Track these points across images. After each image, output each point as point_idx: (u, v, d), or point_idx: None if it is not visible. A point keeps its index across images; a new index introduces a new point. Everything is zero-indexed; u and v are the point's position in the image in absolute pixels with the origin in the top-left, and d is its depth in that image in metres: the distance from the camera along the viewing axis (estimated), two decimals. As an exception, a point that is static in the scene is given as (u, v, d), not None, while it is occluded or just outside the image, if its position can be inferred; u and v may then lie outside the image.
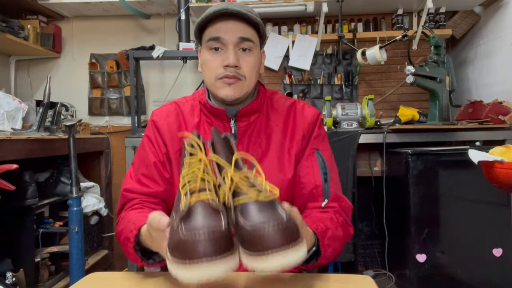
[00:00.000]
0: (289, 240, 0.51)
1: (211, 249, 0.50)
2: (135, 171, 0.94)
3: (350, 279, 0.74)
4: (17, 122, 1.88)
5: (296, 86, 2.59)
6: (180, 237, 0.52)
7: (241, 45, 0.88)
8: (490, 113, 2.07)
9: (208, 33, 0.89)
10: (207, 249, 0.50)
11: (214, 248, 0.50)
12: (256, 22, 0.89)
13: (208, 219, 0.53)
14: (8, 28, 2.19)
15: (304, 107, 0.99)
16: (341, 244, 0.84)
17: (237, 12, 0.86)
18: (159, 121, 0.96)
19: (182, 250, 0.51)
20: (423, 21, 2.37)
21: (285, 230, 0.51)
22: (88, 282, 0.76)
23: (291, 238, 0.51)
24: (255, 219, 0.53)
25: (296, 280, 0.74)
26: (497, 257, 1.83)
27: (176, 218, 0.56)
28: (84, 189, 2.10)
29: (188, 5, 2.31)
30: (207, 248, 0.50)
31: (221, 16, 0.87)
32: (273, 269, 0.50)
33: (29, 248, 1.68)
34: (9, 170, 1.20)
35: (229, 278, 0.74)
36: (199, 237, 0.50)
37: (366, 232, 2.55)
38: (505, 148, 1.02)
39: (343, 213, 0.90)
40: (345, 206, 0.91)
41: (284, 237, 0.51)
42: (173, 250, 0.53)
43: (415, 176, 1.87)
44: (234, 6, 0.87)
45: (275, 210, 0.55)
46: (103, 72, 2.67)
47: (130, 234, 0.75)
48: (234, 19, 0.88)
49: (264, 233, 0.51)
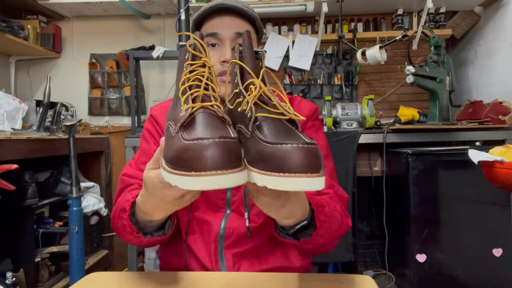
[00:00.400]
0: (313, 167, 0.45)
1: (221, 160, 0.43)
2: (135, 161, 0.94)
3: (350, 279, 0.74)
4: (17, 122, 1.88)
5: (296, 86, 2.59)
6: (181, 145, 0.45)
7: (238, 40, 0.88)
8: (490, 113, 2.07)
9: (205, 29, 0.90)
10: (217, 159, 0.43)
11: (225, 159, 0.43)
12: (253, 17, 0.89)
13: (215, 127, 0.47)
14: (8, 28, 2.18)
15: (301, 101, 0.99)
16: (338, 229, 0.79)
17: (233, 7, 0.86)
18: (158, 116, 0.96)
19: (185, 159, 0.44)
20: (423, 21, 2.37)
21: (312, 155, 0.45)
22: (88, 282, 0.76)
23: (316, 165, 0.46)
24: (280, 136, 0.47)
25: (296, 280, 0.74)
26: (497, 257, 1.83)
27: (173, 125, 0.50)
28: (84, 189, 2.10)
29: (188, 5, 2.31)
30: (217, 158, 0.43)
31: (217, 12, 0.88)
32: (291, 190, 0.46)
33: (29, 248, 1.68)
34: (9, 170, 1.20)
35: (229, 278, 0.74)
36: (208, 145, 0.43)
37: (366, 232, 2.55)
38: (505, 148, 1.02)
39: (339, 201, 0.85)
40: (341, 195, 0.87)
41: (311, 163, 0.45)
42: (172, 160, 0.46)
43: (415, 176, 1.87)
44: (230, 1, 0.87)
45: (300, 134, 0.49)
46: (103, 72, 2.67)
47: (126, 204, 0.72)
48: (230, 15, 0.88)
49: (291, 152, 0.45)
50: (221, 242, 0.87)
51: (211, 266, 0.87)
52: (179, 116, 0.50)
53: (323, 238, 0.71)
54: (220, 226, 0.88)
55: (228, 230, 0.87)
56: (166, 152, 0.49)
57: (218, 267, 0.87)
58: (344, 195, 0.89)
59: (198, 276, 0.77)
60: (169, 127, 0.52)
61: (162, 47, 2.34)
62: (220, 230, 0.87)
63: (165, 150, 0.50)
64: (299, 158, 0.45)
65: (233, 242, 0.87)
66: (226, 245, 0.87)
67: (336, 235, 0.78)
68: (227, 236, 0.87)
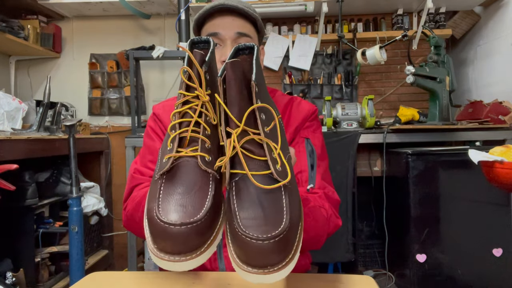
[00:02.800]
0: (287, 252, 0.44)
1: (188, 246, 0.43)
2: (141, 158, 0.94)
3: (350, 279, 0.74)
4: (17, 122, 1.88)
5: (296, 86, 2.59)
6: (158, 222, 0.44)
7: (239, 40, 0.88)
8: (490, 113, 2.07)
9: (206, 29, 0.90)
10: (180, 248, 0.43)
11: (192, 244, 0.43)
12: (254, 18, 0.89)
13: (191, 188, 0.45)
14: (8, 28, 2.19)
15: (300, 102, 0.99)
16: (324, 226, 0.78)
17: (234, 7, 0.87)
18: (161, 114, 0.97)
19: (160, 241, 0.44)
20: (423, 21, 2.37)
21: (284, 242, 0.43)
22: (88, 282, 0.76)
23: (289, 250, 0.44)
24: (249, 213, 0.45)
25: (296, 280, 0.74)
26: (497, 257, 1.83)
27: (157, 170, 0.49)
28: (84, 189, 2.10)
29: (188, 5, 2.31)
30: (180, 247, 0.43)
31: (219, 12, 0.88)
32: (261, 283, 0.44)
33: (29, 248, 1.68)
34: (9, 170, 1.21)
35: (229, 278, 0.74)
36: (175, 231, 0.43)
37: (366, 232, 2.55)
38: (505, 148, 1.02)
39: (327, 201, 0.84)
40: (331, 196, 0.86)
41: (282, 252, 0.43)
42: (154, 239, 0.45)
43: (415, 176, 1.87)
44: (231, 1, 0.87)
45: (277, 204, 0.45)
46: (103, 72, 2.67)
47: (143, 198, 0.70)
48: (231, 15, 0.88)
49: (259, 246, 0.42)
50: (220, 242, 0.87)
51: (210, 265, 0.88)
52: (162, 162, 0.48)
53: (306, 233, 0.70)
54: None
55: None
56: (149, 224, 0.46)
57: (217, 265, 0.87)
58: (334, 197, 0.88)
59: (198, 276, 0.77)
60: (158, 162, 0.50)
61: (162, 47, 2.34)
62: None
63: (148, 217, 0.47)
64: (271, 252, 0.42)
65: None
66: (224, 243, 0.87)
67: (322, 232, 0.79)
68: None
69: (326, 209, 0.81)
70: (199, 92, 0.49)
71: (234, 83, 0.50)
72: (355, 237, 1.99)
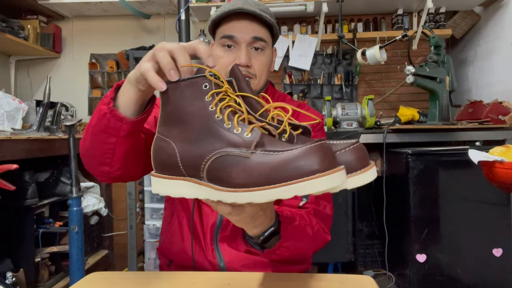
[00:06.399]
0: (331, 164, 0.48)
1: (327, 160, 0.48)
2: None
3: (350, 279, 0.74)
4: (17, 122, 1.88)
5: (296, 86, 2.59)
6: (282, 156, 0.47)
7: (253, 44, 0.89)
8: (490, 113, 2.07)
9: (222, 30, 0.90)
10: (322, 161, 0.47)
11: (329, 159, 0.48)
12: (270, 23, 0.90)
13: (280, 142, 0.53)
14: (8, 28, 2.19)
15: (308, 110, 1.00)
16: (309, 245, 0.79)
17: (252, 12, 0.87)
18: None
19: (294, 167, 0.46)
20: (423, 21, 2.37)
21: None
22: (88, 282, 0.76)
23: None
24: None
25: (296, 280, 0.74)
26: (497, 257, 1.83)
27: (240, 148, 0.50)
28: (84, 189, 2.09)
29: (188, 5, 2.31)
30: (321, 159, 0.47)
31: (236, 15, 0.88)
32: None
33: (29, 248, 1.68)
34: (9, 170, 1.20)
35: (229, 278, 0.74)
36: (311, 148, 0.47)
37: (366, 232, 2.55)
38: (505, 148, 1.03)
39: (316, 217, 0.83)
40: (321, 211, 0.86)
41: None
42: (274, 172, 0.47)
43: (415, 176, 1.87)
44: (249, 6, 0.87)
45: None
46: (103, 72, 2.67)
47: (109, 92, 0.67)
48: (248, 19, 0.88)
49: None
50: (217, 232, 0.89)
51: (207, 256, 0.89)
52: (237, 139, 0.50)
53: (288, 250, 0.71)
54: (218, 217, 0.89)
55: (226, 222, 0.88)
56: (261, 173, 0.47)
57: (215, 255, 0.88)
58: (325, 212, 0.87)
59: (198, 276, 0.77)
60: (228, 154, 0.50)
61: (162, 47, 2.34)
62: (217, 221, 0.89)
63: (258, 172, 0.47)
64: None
65: (229, 235, 0.88)
66: (221, 237, 0.89)
67: (307, 250, 0.80)
68: (223, 228, 0.89)
69: (313, 225, 0.80)
70: (228, 88, 0.55)
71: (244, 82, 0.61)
72: (355, 237, 1.99)
